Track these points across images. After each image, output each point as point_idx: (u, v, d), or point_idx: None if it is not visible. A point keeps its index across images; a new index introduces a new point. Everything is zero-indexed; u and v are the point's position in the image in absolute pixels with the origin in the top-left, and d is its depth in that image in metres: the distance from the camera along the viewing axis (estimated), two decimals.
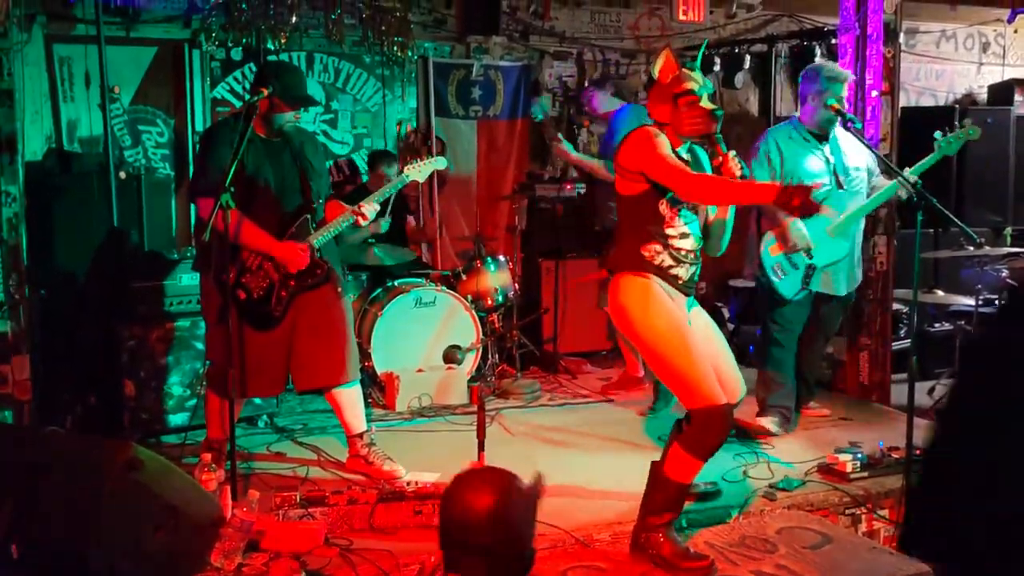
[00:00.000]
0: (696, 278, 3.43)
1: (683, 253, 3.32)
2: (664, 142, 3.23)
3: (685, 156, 3.32)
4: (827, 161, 4.50)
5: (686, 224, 3.31)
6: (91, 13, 5.87)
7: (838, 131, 4.58)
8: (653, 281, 3.28)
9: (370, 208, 4.07)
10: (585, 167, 5.71)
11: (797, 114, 4.66)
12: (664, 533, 3.30)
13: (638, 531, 3.36)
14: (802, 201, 2.87)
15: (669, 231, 3.28)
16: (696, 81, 3.25)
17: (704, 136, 3.26)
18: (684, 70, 3.28)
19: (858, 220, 4.62)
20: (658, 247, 3.28)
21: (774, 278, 4.55)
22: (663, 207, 3.26)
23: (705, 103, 3.22)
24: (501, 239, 7.13)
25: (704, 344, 3.34)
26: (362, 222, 4.09)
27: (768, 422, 4.66)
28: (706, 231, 3.44)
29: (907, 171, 4.35)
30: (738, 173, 3.18)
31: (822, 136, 4.54)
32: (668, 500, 3.33)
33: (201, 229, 3.82)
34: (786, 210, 3.02)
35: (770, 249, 4.54)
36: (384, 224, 5.59)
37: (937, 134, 4.35)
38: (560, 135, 6.08)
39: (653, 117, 3.33)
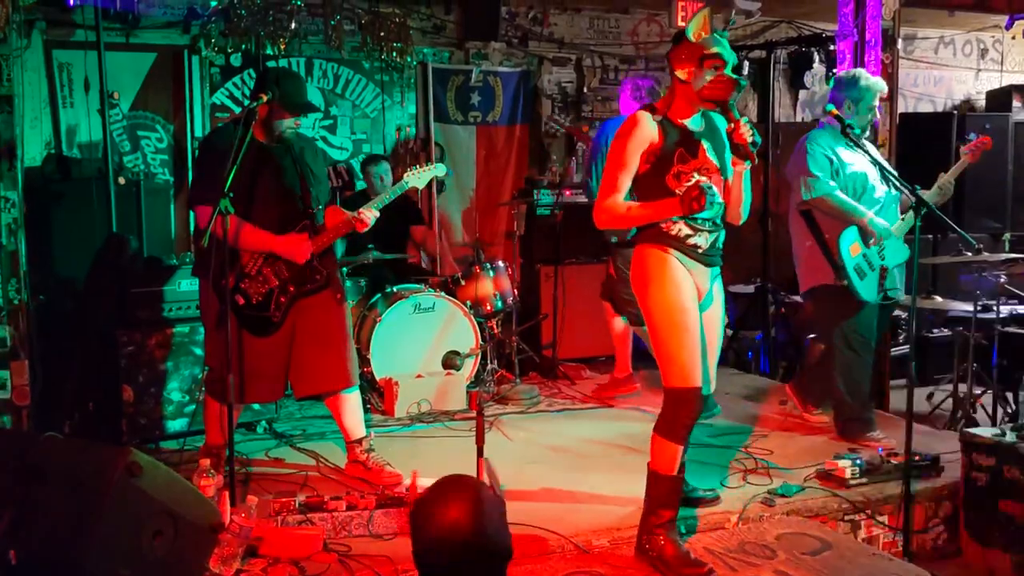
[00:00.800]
0: (720, 245, 3.40)
1: (699, 221, 3.30)
2: (636, 143, 3.27)
3: (697, 128, 3.35)
4: (874, 162, 4.38)
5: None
6: (91, 19, 5.88)
7: (869, 147, 4.51)
8: (671, 255, 3.30)
9: (370, 214, 4.07)
10: None
11: (824, 119, 4.55)
12: (665, 534, 3.31)
13: (640, 534, 3.39)
14: (701, 200, 3.05)
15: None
16: (725, 48, 3.25)
17: (719, 103, 3.25)
18: (715, 35, 3.28)
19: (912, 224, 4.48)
20: (674, 218, 3.28)
21: (856, 280, 4.38)
22: (670, 180, 3.28)
23: (729, 72, 3.23)
24: (500, 245, 7.14)
25: (706, 328, 3.36)
26: (361, 229, 4.09)
27: (878, 435, 4.58)
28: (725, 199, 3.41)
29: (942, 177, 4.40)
30: (749, 139, 3.20)
31: (857, 142, 4.38)
32: (661, 496, 3.35)
33: (200, 235, 3.83)
34: (691, 213, 3.14)
35: (851, 249, 4.39)
36: (339, 245, 5.62)
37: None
38: None
39: (673, 74, 3.31)
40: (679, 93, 3.31)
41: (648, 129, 3.29)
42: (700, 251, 3.33)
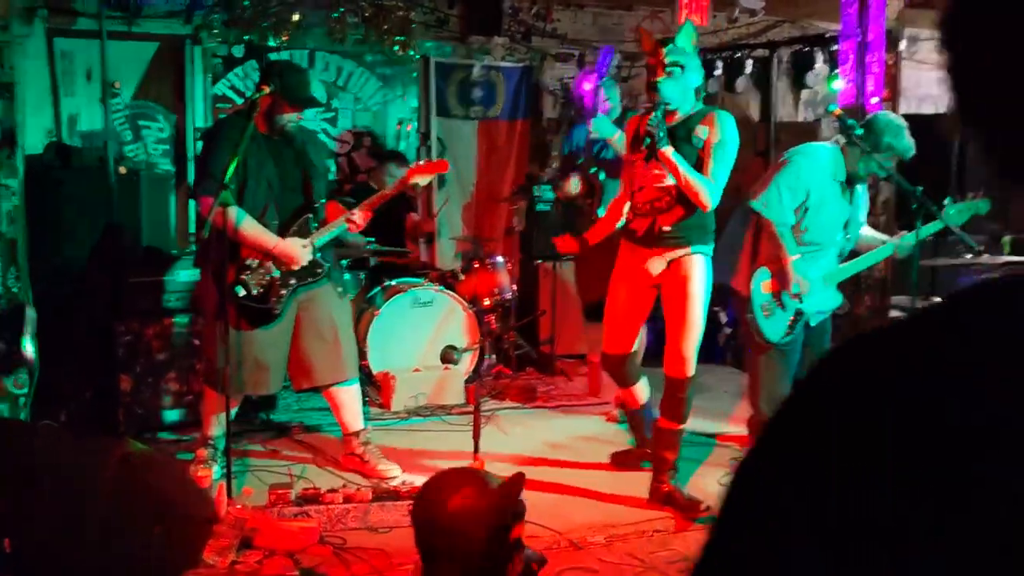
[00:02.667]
0: (666, 229, 3.82)
1: (638, 205, 3.84)
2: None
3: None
4: (847, 207, 4.24)
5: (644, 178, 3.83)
6: (93, 7, 5.87)
7: (860, 192, 4.35)
8: (622, 246, 3.96)
9: (360, 216, 4.07)
10: None
11: (841, 143, 4.25)
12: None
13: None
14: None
15: (634, 192, 3.88)
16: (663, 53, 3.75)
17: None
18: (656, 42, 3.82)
19: (853, 273, 4.44)
20: (626, 207, 3.94)
21: (760, 316, 4.25)
22: (624, 174, 3.95)
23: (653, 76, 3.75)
24: (499, 240, 7.13)
25: (664, 305, 3.94)
26: (354, 230, 4.09)
27: None
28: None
29: (903, 234, 4.21)
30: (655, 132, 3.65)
31: (851, 182, 4.24)
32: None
33: (201, 226, 3.82)
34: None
35: (762, 285, 4.22)
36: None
37: (948, 200, 4.17)
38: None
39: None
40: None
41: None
42: (637, 236, 3.85)
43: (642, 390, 4.32)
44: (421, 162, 4.40)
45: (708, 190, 3.76)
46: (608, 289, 4.03)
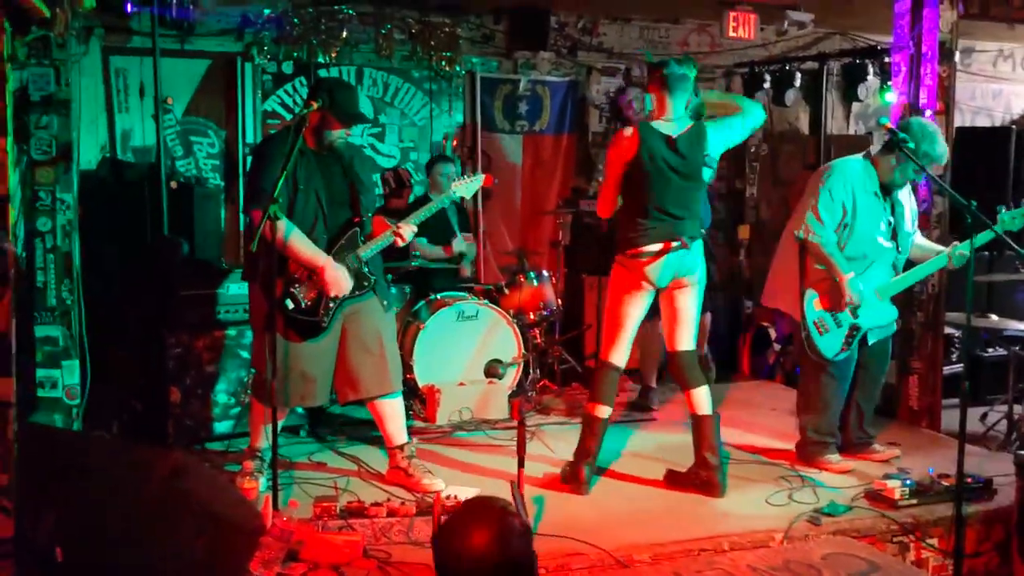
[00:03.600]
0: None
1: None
2: (618, 153, 4.06)
3: None
4: (890, 220, 4.31)
5: None
6: (147, 26, 5.99)
7: (902, 194, 4.39)
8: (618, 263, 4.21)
9: (408, 230, 4.10)
10: None
11: (873, 151, 4.38)
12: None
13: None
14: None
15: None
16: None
17: None
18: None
19: (908, 285, 4.42)
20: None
21: (815, 334, 4.32)
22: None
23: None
24: (544, 254, 7.12)
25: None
26: (400, 243, 4.11)
27: (833, 458, 4.48)
28: None
29: (956, 244, 4.22)
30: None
31: (887, 190, 4.32)
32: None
33: (250, 239, 3.86)
34: None
35: (814, 303, 4.31)
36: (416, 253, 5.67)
37: (1001, 207, 4.15)
38: None
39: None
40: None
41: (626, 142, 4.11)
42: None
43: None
44: (464, 176, 4.43)
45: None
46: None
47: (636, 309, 4.21)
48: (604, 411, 4.24)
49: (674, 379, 4.39)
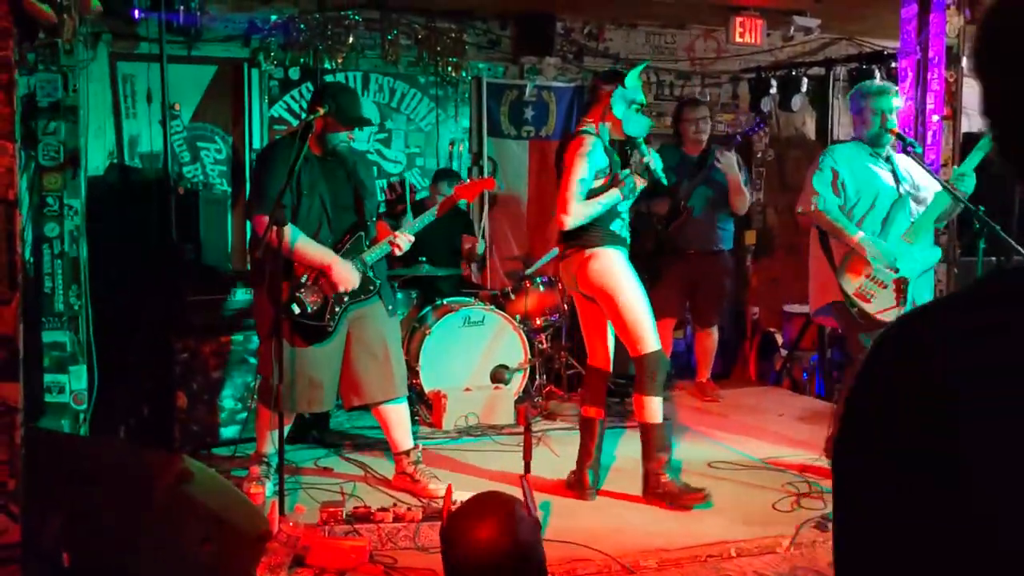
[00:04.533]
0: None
1: (623, 231, 4.15)
2: (588, 164, 3.99)
3: (611, 149, 4.13)
4: (894, 173, 4.36)
5: (625, 205, 4.15)
6: (154, 32, 6.01)
7: (897, 157, 4.46)
8: (619, 252, 4.09)
9: (404, 239, 4.11)
10: (736, 184, 5.74)
11: (854, 136, 4.56)
12: (666, 474, 4.04)
13: (648, 477, 4.08)
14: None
15: (620, 209, 4.12)
16: (642, 94, 4.10)
17: (638, 139, 4.15)
18: (639, 83, 4.07)
19: (931, 221, 4.33)
20: (621, 221, 4.12)
21: (863, 305, 4.21)
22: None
23: (642, 114, 4.10)
24: (551, 259, 7.11)
25: None
26: (397, 252, 4.13)
27: None
28: None
29: (955, 168, 4.31)
30: (652, 166, 4.12)
31: (879, 150, 4.41)
32: (658, 442, 4.08)
33: (257, 245, 3.87)
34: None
35: (848, 278, 4.25)
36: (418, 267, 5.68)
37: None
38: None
39: (612, 112, 4.07)
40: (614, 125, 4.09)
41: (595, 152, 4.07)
42: (627, 244, 4.17)
43: None
44: (467, 181, 4.44)
45: None
46: (635, 290, 4.07)
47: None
48: (594, 412, 4.30)
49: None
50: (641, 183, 4.12)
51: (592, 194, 4.02)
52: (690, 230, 5.75)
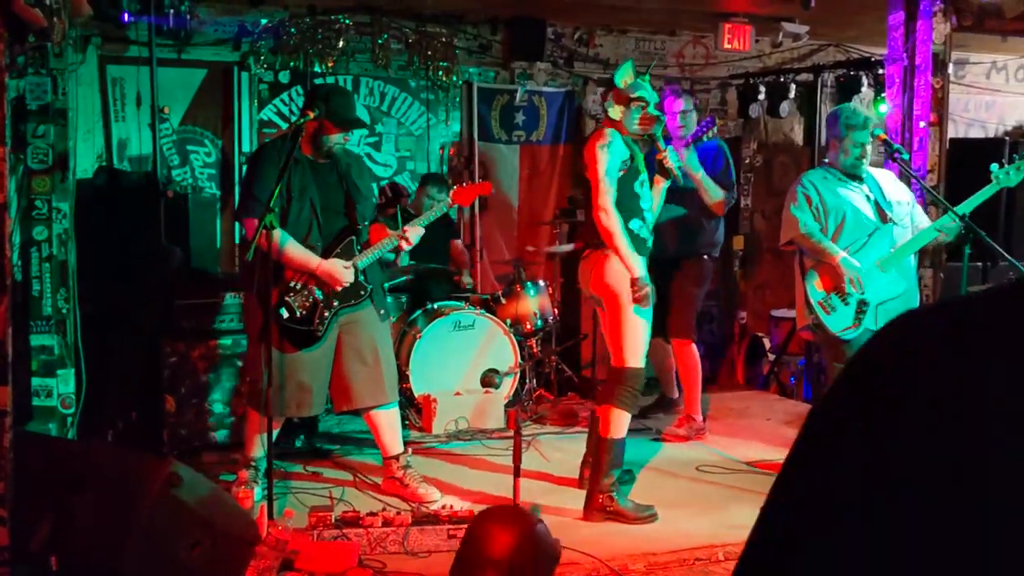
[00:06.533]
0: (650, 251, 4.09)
1: (650, 225, 4.07)
2: (610, 153, 3.89)
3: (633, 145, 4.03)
4: (867, 197, 4.38)
5: (650, 200, 4.07)
6: (144, 35, 6.01)
7: (872, 170, 4.46)
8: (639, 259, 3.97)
9: (414, 232, 4.10)
10: (701, 184, 5.21)
11: (827, 160, 4.55)
12: (616, 491, 3.94)
13: (595, 495, 3.93)
14: (637, 294, 3.89)
15: (644, 204, 4.00)
16: (647, 90, 3.98)
17: (645, 135, 3.99)
18: (638, 80, 3.99)
19: (909, 255, 4.41)
20: (640, 221, 3.99)
21: (822, 314, 4.34)
22: (638, 185, 3.96)
23: (651, 110, 3.97)
24: (541, 264, 7.13)
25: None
26: (405, 246, 4.11)
27: None
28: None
29: (942, 218, 4.27)
30: (668, 165, 3.99)
31: (854, 177, 4.42)
32: (614, 459, 3.97)
33: (246, 248, 3.87)
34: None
35: (815, 285, 4.37)
36: (404, 258, 5.62)
37: (994, 166, 4.18)
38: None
39: (609, 116, 4.01)
40: (616, 126, 3.98)
41: (615, 144, 3.95)
42: (646, 245, 4.05)
43: None
44: (463, 185, 4.42)
45: None
46: (646, 309, 4.01)
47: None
48: None
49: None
50: (662, 181, 4.08)
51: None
52: (659, 235, 5.46)
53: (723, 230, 5.49)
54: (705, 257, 5.34)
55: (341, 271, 3.98)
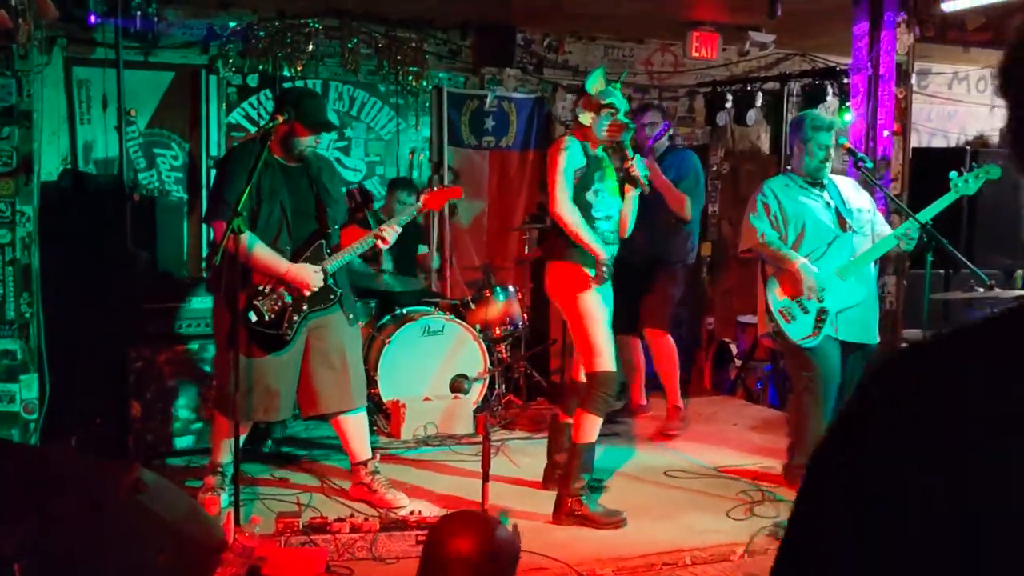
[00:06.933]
0: (614, 256, 4.08)
1: (606, 234, 4.02)
2: (567, 158, 3.93)
3: (599, 155, 4.06)
4: (828, 204, 4.43)
5: (609, 208, 4.04)
6: (111, 37, 5.95)
7: (833, 177, 4.52)
8: (583, 267, 3.96)
9: (391, 232, 4.08)
10: (666, 190, 5.32)
11: (789, 166, 4.60)
12: (585, 496, 3.96)
13: (565, 499, 3.97)
14: (596, 275, 3.89)
15: (596, 214, 3.99)
16: (618, 98, 3.99)
17: (615, 142, 4.01)
18: (609, 87, 4.01)
19: (869, 263, 4.46)
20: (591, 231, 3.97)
21: (782, 322, 4.38)
22: (590, 195, 3.97)
23: (620, 117, 3.98)
24: (511, 269, 7.14)
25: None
26: (382, 246, 4.10)
27: None
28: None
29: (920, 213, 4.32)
30: (635, 174, 3.98)
31: (816, 183, 4.46)
32: (585, 464, 4.01)
33: (214, 252, 3.85)
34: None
35: (776, 293, 4.41)
36: (387, 261, 5.61)
37: (952, 174, 4.26)
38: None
39: (580, 121, 4.05)
40: (587, 132, 4.01)
41: (573, 150, 3.99)
42: (605, 263, 4.00)
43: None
44: (434, 189, 4.42)
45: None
46: (595, 309, 4.00)
47: None
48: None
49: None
50: (631, 190, 4.06)
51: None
52: (633, 242, 5.56)
53: (696, 238, 5.67)
54: (679, 264, 5.51)
55: (310, 275, 3.97)
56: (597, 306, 4.01)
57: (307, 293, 3.98)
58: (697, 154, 5.76)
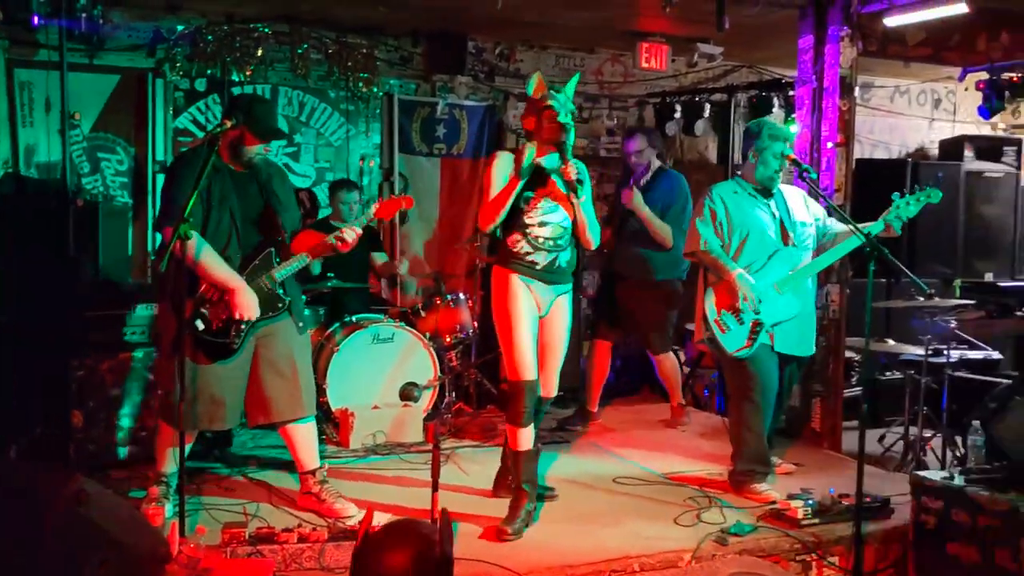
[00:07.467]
0: (563, 265, 4.06)
1: (540, 240, 3.97)
2: (495, 172, 3.97)
3: (551, 165, 4.00)
4: (773, 216, 4.49)
5: (544, 214, 3.98)
6: (54, 39, 5.84)
7: (783, 187, 4.58)
8: (513, 275, 3.98)
9: (351, 233, 4.03)
10: (648, 222, 5.50)
11: (740, 172, 4.66)
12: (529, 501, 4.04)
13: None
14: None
15: (527, 220, 3.96)
16: (557, 100, 3.93)
17: (556, 144, 3.90)
18: (550, 91, 3.97)
19: (807, 278, 4.53)
20: (518, 236, 3.97)
21: (717, 332, 4.42)
22: (520, 201, 3.95)
23: (561, 118, 3.89)
24: (461, 277, 7.15)
25: (545, 336, 4.09)
26: (344, 249, 4.04)
27: (763, 488, 4.45)
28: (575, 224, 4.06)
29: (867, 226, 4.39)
30: (574, 177, 3.87)
31: (765, 192, 4.51)
32: (528, 470, 4.07)
33: (160, 259, 3.78)
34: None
35: (714, 303, 4.45)
36: (316, 266, 5.57)
37: (895, 195, 4.35)
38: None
39: (524, 127, 4.08)
40: (534, 137, 4.01)
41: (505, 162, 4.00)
42: (537, 267, 3.98)
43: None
44: (385, 198, 4.41)
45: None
46: (511, 316, 3.98)
47: None
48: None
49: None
50: (572, 196, 3.94)
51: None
52: (621, 259, 5.69)
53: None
54: (669, 281, 5.65)
55: (254, 305, 3.90)
56: (515, 313, 3.97)
57: (245, 317, 3.90)
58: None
